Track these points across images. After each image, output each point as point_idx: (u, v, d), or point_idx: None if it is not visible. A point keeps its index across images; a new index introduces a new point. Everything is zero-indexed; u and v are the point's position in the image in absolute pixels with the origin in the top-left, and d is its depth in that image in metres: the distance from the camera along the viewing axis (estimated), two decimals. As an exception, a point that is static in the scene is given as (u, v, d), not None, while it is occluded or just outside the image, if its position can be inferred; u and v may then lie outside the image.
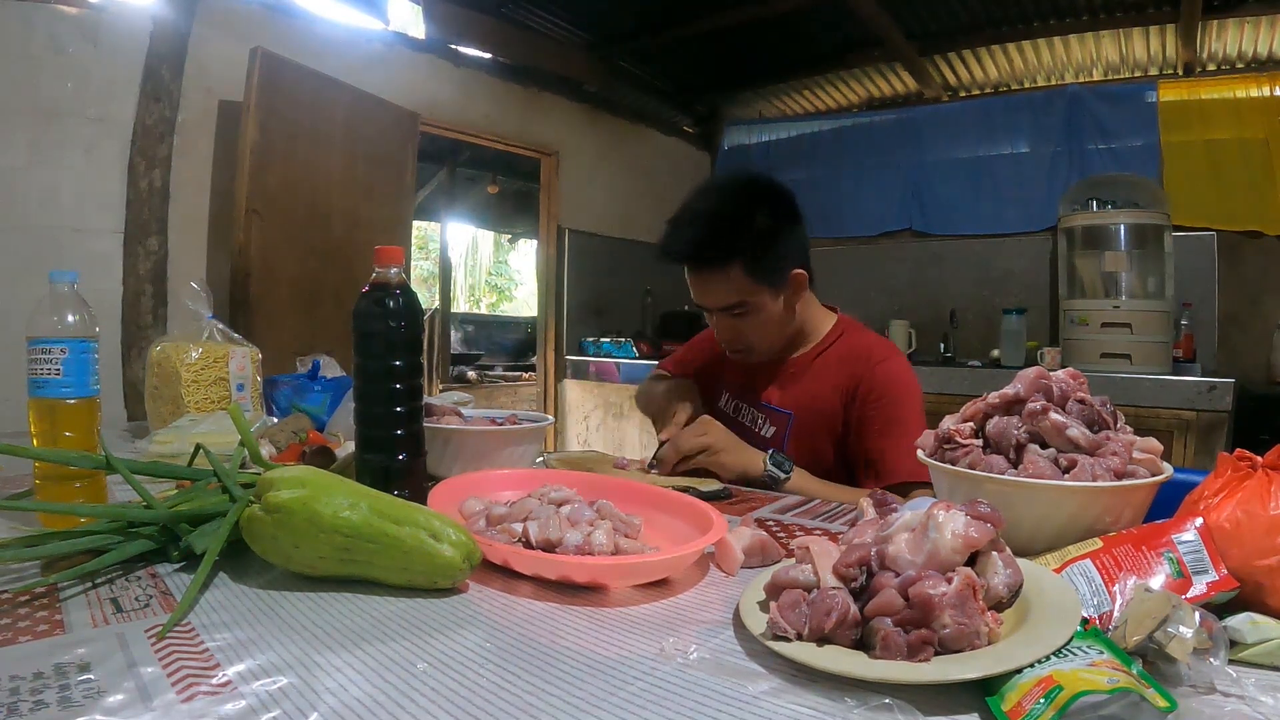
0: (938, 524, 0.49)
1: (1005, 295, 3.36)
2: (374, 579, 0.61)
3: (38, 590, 0.57)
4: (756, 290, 1.16)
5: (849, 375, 1.20)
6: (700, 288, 1.19)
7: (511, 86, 3.51)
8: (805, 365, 1.26)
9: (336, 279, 2.61)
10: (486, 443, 1.01)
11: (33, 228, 2.07)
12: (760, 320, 1.19)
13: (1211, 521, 0.54)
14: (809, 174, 3.99)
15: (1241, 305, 3.02)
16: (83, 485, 0.76)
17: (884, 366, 1.19)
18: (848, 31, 3.40)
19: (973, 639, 0.46)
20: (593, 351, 3.77)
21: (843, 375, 1.20)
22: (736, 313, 1.18)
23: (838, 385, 1.20)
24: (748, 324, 1.20)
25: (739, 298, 1.16)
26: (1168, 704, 0.39)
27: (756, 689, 0.45)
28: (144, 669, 0.45)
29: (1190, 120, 3.07)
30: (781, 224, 1.17)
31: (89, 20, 2.14)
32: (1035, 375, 0.71)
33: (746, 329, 1.20)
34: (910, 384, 1.19)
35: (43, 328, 0.74)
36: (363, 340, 0.76)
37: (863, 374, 1.18)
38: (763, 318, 1.19)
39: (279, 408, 1.35)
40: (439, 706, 0.42)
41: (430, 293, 7.36)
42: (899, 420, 1.14)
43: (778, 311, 1.20)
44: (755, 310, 1.17)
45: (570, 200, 3.84)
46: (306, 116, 2.51)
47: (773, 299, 1.18)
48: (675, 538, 0.74)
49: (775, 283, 1.17)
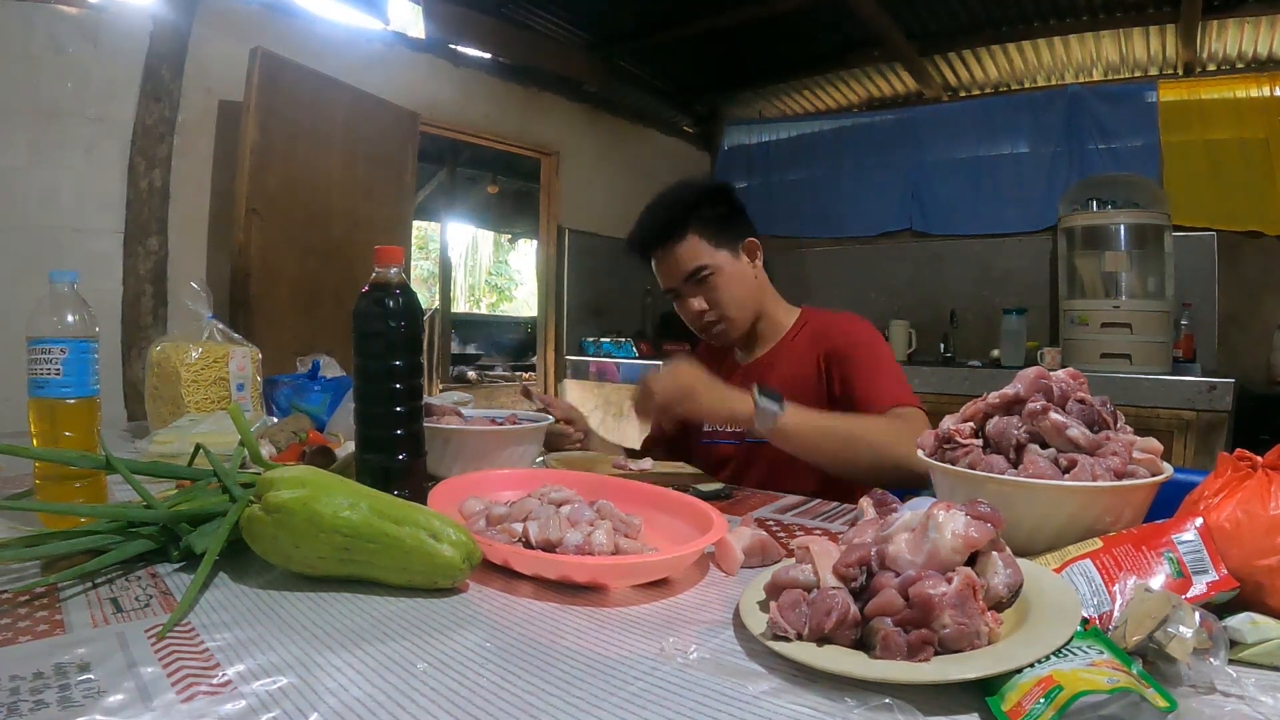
0: (938, 524, 0.49)
1: (1005, 295, 3.36)
2: (374, 579, 0.61)
3: (38, 590, 0.57)
4: (716, 253, 1.24)
5: (820, 347, 1.25)
6: (665, 269, 1.27)
7: (511, 86, 3.50)
8: (780, 354, 1.30)
9: (336, 279, 2.61)
10: (486, 443, 1.01)
11: (33, 228, 2.07)
12: (726, 283, 1.25)
13: (1211, 521, 0.54)
14: (809, 174, 3.99)
15: (1241, 305, 3.02)
16: (83, 485, 0.76)
17: (848, 326, 1.26)
18: (848, 31, 3.40)
19: (973, 639, 0.46)
20: (593, 351, 3.77)
21: (815, 350, 1.25)
22: (702, 276, 1.24)
23: (812, 358, 1.25)
24: (717, 290, 1.25)
25: (701, 261, 1.23)
26: (1168, 704, 0.39)
27: (756, 689, 0.45)
28: (144, 669, 0.45)
29: (1190, 120, 3.07)
30: (726, 203, 1.29)
31: (89, 20, 2.14)
32: (1035, 375, 0.71)
33: (717, 297, 1.25)
34: (875, 335, 1.27)
35: (43, 328, 0.74)
36: (363, 340, 0.76)
37: (831, 340, 1.24)
38: (728, 279, 1.25)
39: (279, 408, 1.35)
40: (439, 706, 0.42)
41: (430, 293, 7.36)
42: (874, 359, 1.20)
43: (742, 273, 1.27)
44: (719, 272, 1.24)
45: (570, 200, 3.84)
46: (306, 116, 2.51)
47: (733, 261, 1.26)
48: (675, 538, 0.74)
49: (732, 247, 1.26)
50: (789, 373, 1.26)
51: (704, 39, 3.45)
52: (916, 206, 3.71)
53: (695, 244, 1.24)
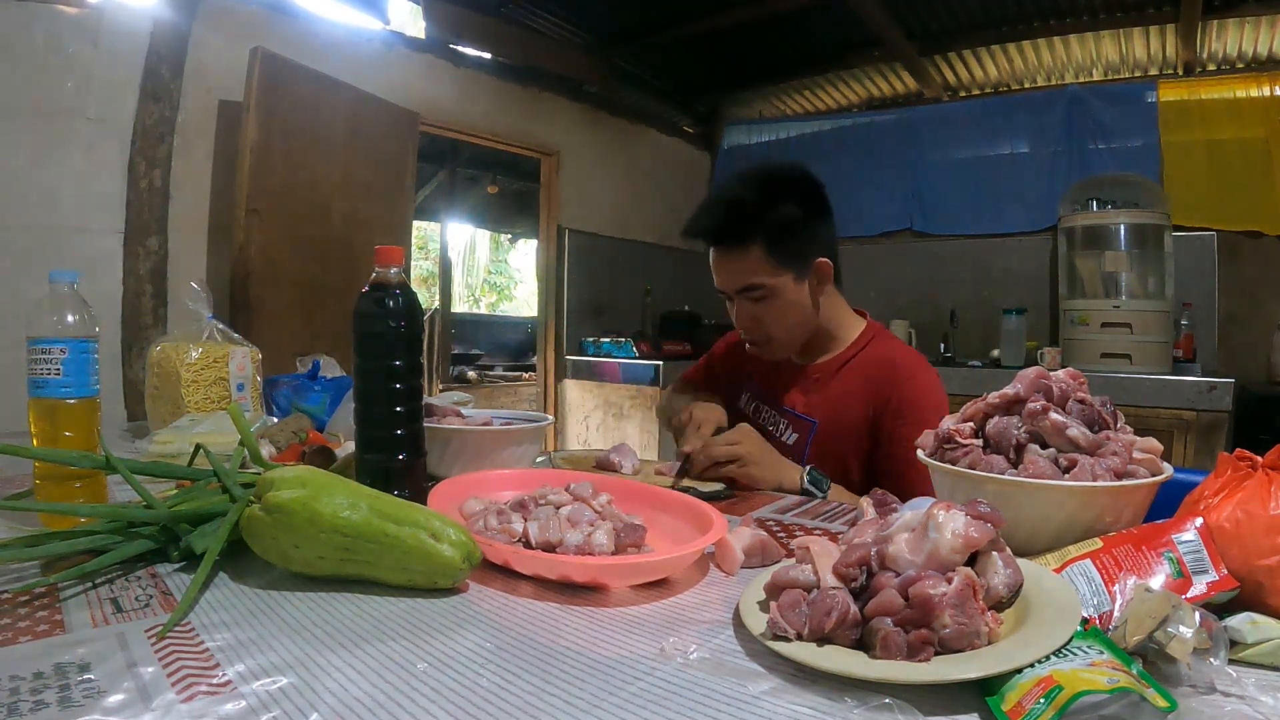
0: (938, 524, 0.49)
1: (1005, 295, 3.36)
2: (374, 579, 0.61)
3: (38, 590, 0.57)
4: (777, 273, 1.14)
5: (876, 389, 1.15)
6: (720, 268, 1.18)
7: (511, 86, 3.50)
8: (831, 372, 1.22)
9: (336, 279, 2.61)
10: (486, 443, 1.01)
11: (33, 228, 2.07)
12: (780, 307, 1.16)
13: (1211, 521, 0.54)
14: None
15: (1241, 305, 3.02)
16: (83, 485, 0.75)
17: (912, 384, 1.15)
18: (848, 31, 3.40)
19: (973, 639, 0.46)
20: (593, 351, 3.77)
21: (870, 388, 1.16)
22: (755, 296, 1.15)
23: (865, 396, 1.16)
24: (767, 311, 1.17)
25: (758, 279, 1.14)
26: (1168, 704, 0.39)
27: (756, 689, 0.45)
28: (144, 669, 0.45)
29: (1190, 120, 3.07)
30: (807, 211, 1.15)
31: (89, 20, 2.14)
32: (1035, 375, 0.71)
33: (766, 316, 1.17)
34: (939, 402, 1.14)
35: (43, 328, 0.74)
36: (363, 340, 0.76)
37: (891, 390, 1.14)
38: (782, 304, 1.16)
39: (279, 408, 1.35)
40: (439, 706, 0.42)
41: (430, 293, 7.35)
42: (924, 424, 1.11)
43: (799, 300, 1.17)
44: (774, 295, 1.15)
45: (570, 200, 3.84)
46: (306, 116, 2.51)
47: (795, 285, 1.16)
48: (675, 538, 0.74)
49: (798, 269, 1.15)
50: (836, 398, 1.20)
51: (704, 39, 3.45)
52: (916, 206, 3.71)
53: (757, 258, 1.13)
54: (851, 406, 1.17)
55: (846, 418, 1.17)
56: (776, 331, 1.19)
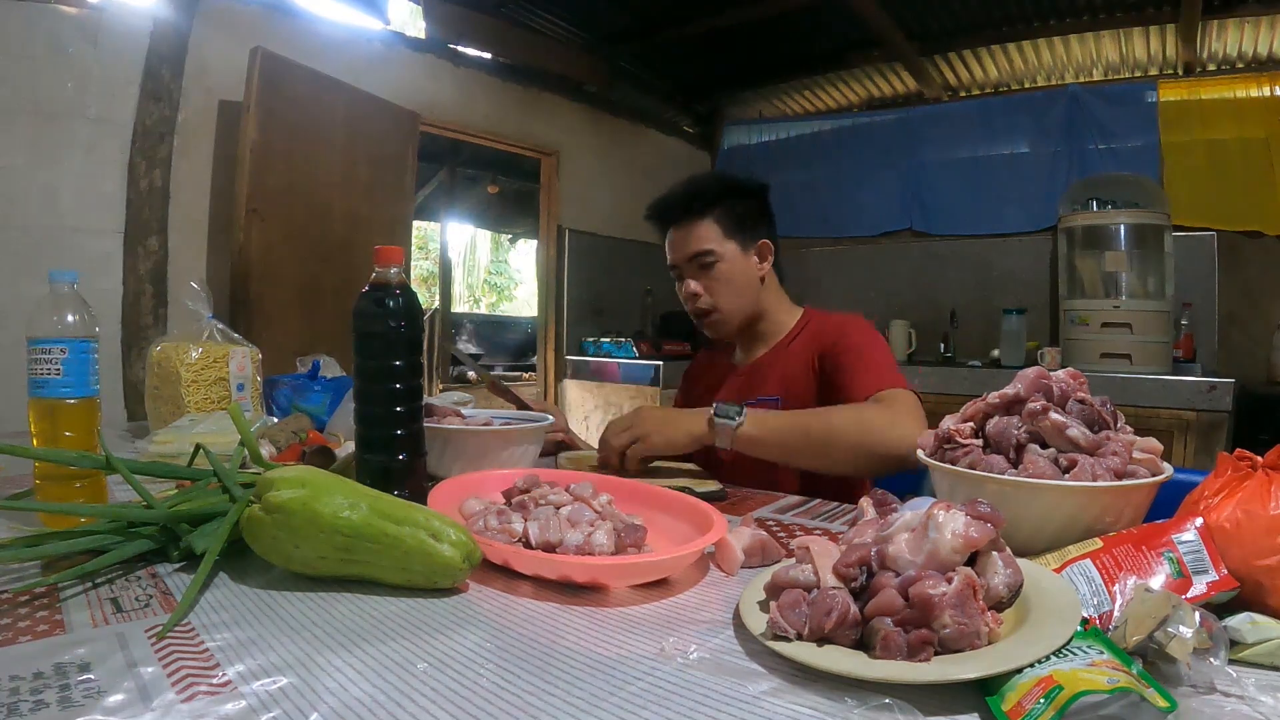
0: (938, 524, 0.49)
1: (1005, 295, 3.36)
2: (374, 579, 0.61)
3: (38, 590, 0.57)
4: (724, 242, 1.27)
5: (815, 348, 1.25)
6: (675, 243, 1.30)
7: (511, 86, 3.50)
8: (780, 355, 1.31)
9: (336, 279, 2.61)
10: (486, 443, 1.01)
11: (33, 228, 2.07)
12: (727, 274, 1.27)
13: (1211, 521, 0.54)
14: (809, 174, 3.99)
15: (1241, 305, 3.02)
16: (83, 485, 0.76)
17: (843, 324, 1.26)
18: (848, 31, 3.40)
19: (973, 639, 0.46)
20: (593, 351, 3.77)
21: (810, 350, 1.26)
22: (705, 262, 1.27)
23: (809, 358, 1.25)
24: (716, 279, 1.27)
25: (708, 245, 1.26)
26: (1168, 704, 0.39)
27: (756, 689, 0.45)
28: (144, 669, 0.45)
29: (1190, 120, 3.07)
30: (754, 197, 1.32)
31: (89, 20, 2.14)
32: (1035, 375, 0.71)
33: (714, 285, 1.27)
34: (869, 330, 1.25)
35: (43, 328, 0.74)
36: (363, 340, 0.76)
37: (825, 340, 1.25)
38: (729, 271, 1.27)
39: (279, 408, 1.35)
40: (439, 706, 0.42)
41: (430, 293, 7.35)
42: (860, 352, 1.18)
43: (745, 270, 1.29)
44: (722, 260, 1.27)
45: (570, 200, 3.84)
46: (306, 116, 2.51)
47: (740, 255, 1.28)
48: (675, 538, 0.74)
49: (742, 240, 1.28)
50: (785, 374, 1.27)
51: (704, 39, 3.45)
52: (916, 206, 3.71)
53: (709, 228, 1.27)
54: (802, 373, 1.25)
55: (802, 384, 1.24)
56: (722, 301, 1.28)
